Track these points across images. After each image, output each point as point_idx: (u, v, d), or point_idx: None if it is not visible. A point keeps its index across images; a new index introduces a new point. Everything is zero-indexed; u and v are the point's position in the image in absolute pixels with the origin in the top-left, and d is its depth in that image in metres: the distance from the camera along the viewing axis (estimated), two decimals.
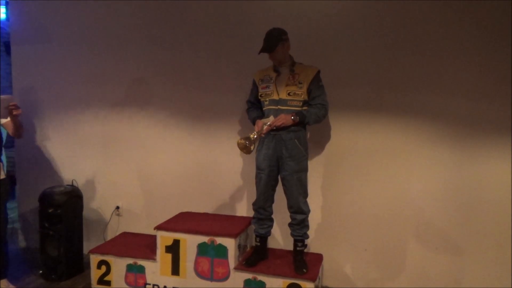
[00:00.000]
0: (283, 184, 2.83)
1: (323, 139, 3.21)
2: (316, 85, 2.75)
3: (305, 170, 2.82)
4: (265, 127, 2.66)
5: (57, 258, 3.27)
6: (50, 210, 3.26)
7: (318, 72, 2.78)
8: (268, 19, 3.18)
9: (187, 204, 3.55)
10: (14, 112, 2.81)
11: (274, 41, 2.68)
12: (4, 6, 5.25)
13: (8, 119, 2.90)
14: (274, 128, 2.68)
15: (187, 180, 3.57)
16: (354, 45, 3.08)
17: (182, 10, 3.46)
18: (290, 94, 2.73)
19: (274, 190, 2.88)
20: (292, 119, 2.67)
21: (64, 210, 3.28)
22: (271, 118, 2.71)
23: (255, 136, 2.59)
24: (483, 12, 2.81)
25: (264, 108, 2.85)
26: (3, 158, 5.61)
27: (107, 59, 3.69)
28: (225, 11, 3.35)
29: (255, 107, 2.96)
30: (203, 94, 3.47)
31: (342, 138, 3.17)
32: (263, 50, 2.71)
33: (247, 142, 2.56)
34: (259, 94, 2.86)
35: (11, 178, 5.75)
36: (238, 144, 2.59)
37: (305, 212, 2.83)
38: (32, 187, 3.86)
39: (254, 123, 2.84)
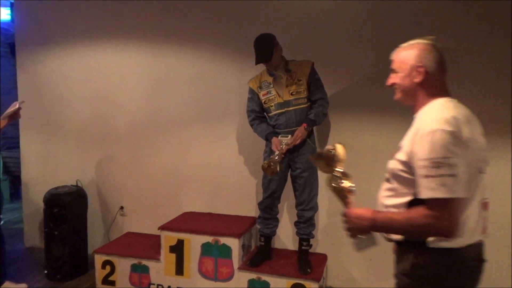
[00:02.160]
0: (295, 182, 2.84)
1: (326, 139, 3.20)
2: (313, 78, 2.75)
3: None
4: (284, 147, 2.65)
5: (62, 258, 3.28)
6: (54, 210, 3.27)
7: (313, 64, 2.76)
8: (271, 18, 3.18)
9: (191, 204, 3.56)
10: (17, 117, 2.86)
11: (269, 49, 2.64)
12: (9, 7, 5.27)
13: None
14: (292, 147, 2.68)
15: (191, 180, 3.57)
16: (358, 44, 3.07)
17: (185, 9, 3.46)
18: (293, 93, 2.73)
19: (283, 190, 2.91)
20: (305, 129, 2.69)
21: (68, 210, 3.29)
22: (289, 137, 2.69)
23: (277, 157, 2.60)
24: (484, 12, 2.80)
25: (270, 114, 2.83)
26: None
27: (111, 60, 3.70)
28: (228, 10, 3.35)
29: (261, 119, 2.89)
30: (207, 93, 3.47)
31: (346, 138, 3.15)
32: (260, 60, 2.67)
33: (272, 164, 2.58)
34: (263, 101, 2.83)
35: (16, 179, 5.83)
36: (264, 168, 2.61)
37: (315, 208, 2.85)
38: (37, 188, 3.87)
39: (266, 139, 2.81)
